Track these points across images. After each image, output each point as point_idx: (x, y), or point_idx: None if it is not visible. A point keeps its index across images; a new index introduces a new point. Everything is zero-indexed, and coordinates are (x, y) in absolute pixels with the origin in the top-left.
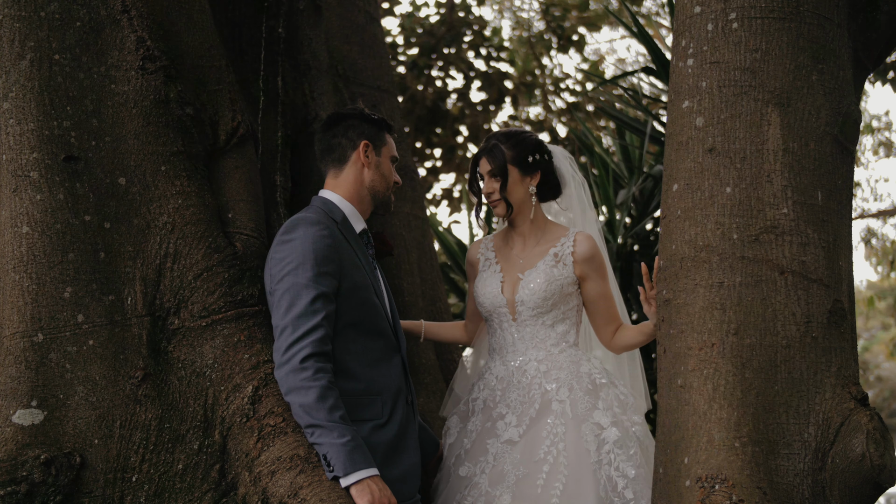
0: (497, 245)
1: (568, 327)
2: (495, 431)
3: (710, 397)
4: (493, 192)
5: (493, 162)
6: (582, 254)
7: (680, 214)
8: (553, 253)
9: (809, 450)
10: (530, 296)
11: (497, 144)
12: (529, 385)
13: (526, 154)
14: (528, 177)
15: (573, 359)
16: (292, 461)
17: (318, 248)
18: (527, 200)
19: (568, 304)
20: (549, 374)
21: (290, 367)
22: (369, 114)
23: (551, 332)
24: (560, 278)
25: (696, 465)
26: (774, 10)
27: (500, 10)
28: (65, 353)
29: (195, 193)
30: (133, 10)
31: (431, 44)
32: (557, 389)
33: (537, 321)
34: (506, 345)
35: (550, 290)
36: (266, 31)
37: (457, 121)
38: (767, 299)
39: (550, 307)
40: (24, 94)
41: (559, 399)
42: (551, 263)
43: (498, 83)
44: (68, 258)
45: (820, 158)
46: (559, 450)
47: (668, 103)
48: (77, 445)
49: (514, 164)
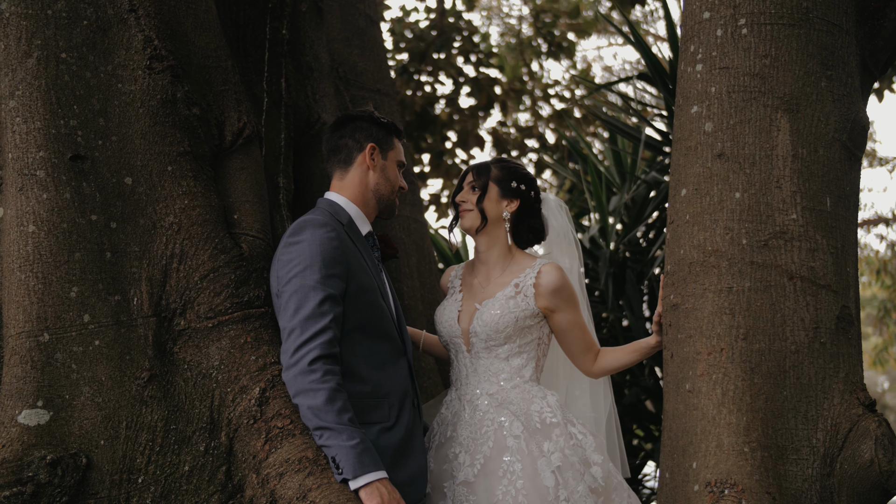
0: (465, 273)
1: (525, 361)
2: (451, 472)
3: (719, 402)
4: (468, 202)
5: (479, 177)
6: (546, 285)
7: (688, 219)
8: (514, 283)
9: (818, 455)
10: (483, 327)
11: (489, 164)
12: (481, 421)
13: (511, 179)
14: (506, 200)
15: (525, 395)
16: (300, 463)
17: (325, 251)
18: (498, 223)
19: (525, 337)
20: (500, 409)
21: (299, 369)
22: (378, 117)
23: (505, 366)
24: (516, 310)
25: (705, 469)
26: (784, 17)
27: (489, 16)
28: (71, 353)
29: (201, 194)
30: (140, 10)
31: (421, 49)
32: (510, 424)
33: (490, 353)
34: (460, 376)
35: (504, 322)
36: (270, 33)
37: (445, 126)
38: (776, 304)
39: (504, 340)
40: (30, 93)
41: (514, 434)
42: (510, 294)
43: (487, 89)
44: (74, 258)
45: (829, 164)
46: (517, 488)
47: (676, 108)
48: (83, 446)
49: (496, 183)
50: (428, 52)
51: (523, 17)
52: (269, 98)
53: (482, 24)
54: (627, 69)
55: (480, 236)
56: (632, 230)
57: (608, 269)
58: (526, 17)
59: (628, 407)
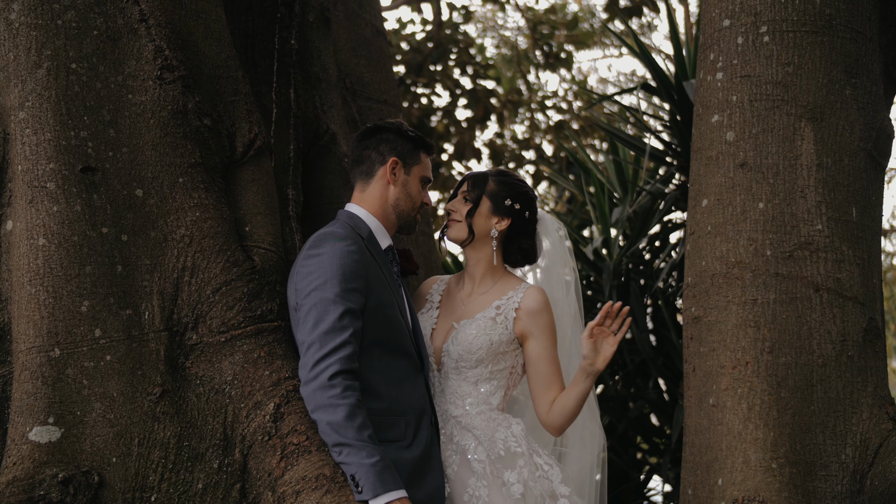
0: (449, 287)
1: (494, 389)
2: None
3: (745, 417)
4: (457, 212)
5: (474, 188)
6: (527, 307)
7: (710, 230)
8: (496, 305)
9: (847, 472)
10: (455, 347)
11: (487, 175)
12: (446, 444)
13: (506, 196)
14: (497, 217)
15: (490, 423)
16: (318, 481)
17: (345, 264)
18: (486, 239)
19: (498, 363)
20: (464, 433)
21: (318, 383)
22: (407, 129)
23: (473, 390)
24: (492, 333)
25: (732, 486)
26: (807, 24)
27: (485, 29)
28: (82, 368)
29: (213, 206)
30: (151, 20)
31: (418, 61)
32: (475, 448)
33: (460, 375)
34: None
35: (477, 344)
36: (279, 43)
37: (442, 138)
38: (802, 317)
39: (475, 363)
40: (40, 104)
41: (479, 459)
42: (490, 316)
43: (484, 101)
44: (85, 271)
45: (854, 174)
46: None
47: (695, 117)
48: (95, 464)
49: (490, 198)
50: (424, 64)
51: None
52: (278, 109)
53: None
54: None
55: (467, 250)
56: (635, 242)
57: (611, 282)
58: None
59: (633, 420)
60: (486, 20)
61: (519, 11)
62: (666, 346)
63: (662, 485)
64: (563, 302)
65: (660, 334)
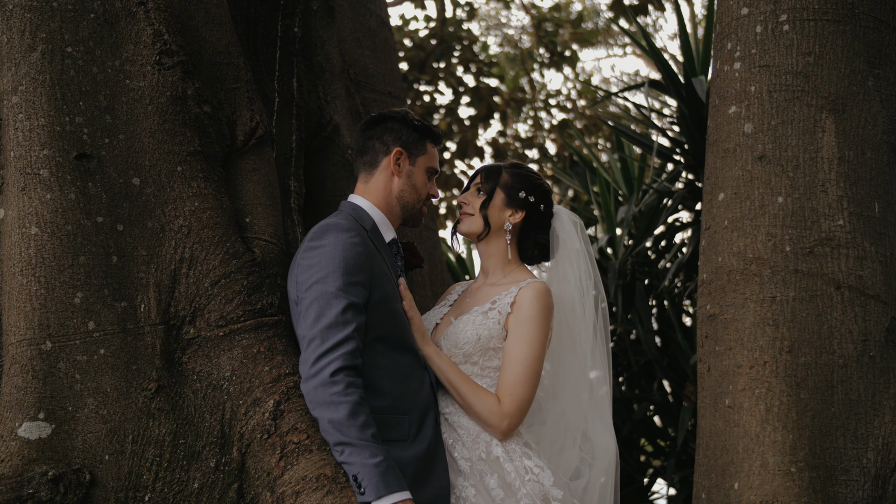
0: (468, 288)
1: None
2: None
3: (763, 419)
4: (470, 205)
5: (487, 180)
6: (520, 301)
7: (727, 225)
8: (492, 300)
9: (869, 476)
10: (445, 342)
11: (500, 168)
12: None
13: (521, 188)
14: (511, 210)
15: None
16: (318, 481)
17: (348, 256)
18: (499, 232)
19: (490, 360)
20: (451, 431)
21: (319, 380)
22: (413, 118)
23: None
24: (481, 328)
25: (749, 490)
26: (828, 12)
27: (488, 26)
28: (74, 362)
29: (212, 196)
30: (150, 3)
31: (421, 58)
32: (461, 447)
33: None
34: None
35: (464, 339)
36: (282, 31)
37: (444, 136)
38: (823, 315)
39: (463, 359)
40: (34, 88)
41: (465, 457)
42: (483, 310)
43: (487, 99)
44: (79, 261)
45: (877, 168)
46: None
47: (711, 108)
48: (87, 461)
49: (504, 190)
50: (427, 61)
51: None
52: (281, 98)
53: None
54: (626, 80)
55: (481, 244)
56: (641, 241)
57: (617, 282)
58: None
59: (638, 422)
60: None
61: (523, 9)
62: (671, 347)
63: (667, 488)
64: (578, 303)
65: (665, 335)
